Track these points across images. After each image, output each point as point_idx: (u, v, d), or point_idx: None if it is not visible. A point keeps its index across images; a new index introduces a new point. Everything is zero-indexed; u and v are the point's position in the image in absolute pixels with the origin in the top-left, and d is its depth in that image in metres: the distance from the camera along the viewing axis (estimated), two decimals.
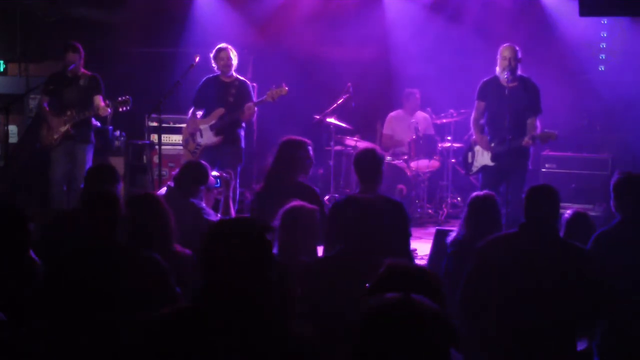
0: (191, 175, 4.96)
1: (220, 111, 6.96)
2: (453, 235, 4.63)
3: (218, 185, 5.27)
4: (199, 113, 7.14)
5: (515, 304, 3.64)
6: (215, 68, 7.04)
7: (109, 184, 4.59)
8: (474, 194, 4.70)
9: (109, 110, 6.94)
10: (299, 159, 4.97)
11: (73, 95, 7.06)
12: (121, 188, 4.82)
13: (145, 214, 3.73)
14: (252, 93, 7.17)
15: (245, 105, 6.87)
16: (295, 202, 3.96)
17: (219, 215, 4.97)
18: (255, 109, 7.01)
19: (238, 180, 6.94)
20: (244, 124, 7.06)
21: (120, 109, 6.94)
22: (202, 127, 7.03)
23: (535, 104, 6.50)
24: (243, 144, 7.07)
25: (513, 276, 3.68)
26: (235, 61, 7.03)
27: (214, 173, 5.31)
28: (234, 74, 7.08)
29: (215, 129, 6.96)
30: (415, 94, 8.92)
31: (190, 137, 7.09)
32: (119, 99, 6.91)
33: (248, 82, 7.19)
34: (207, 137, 7.01)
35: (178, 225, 3.91)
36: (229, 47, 7.04)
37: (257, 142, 8.92)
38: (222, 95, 7.00)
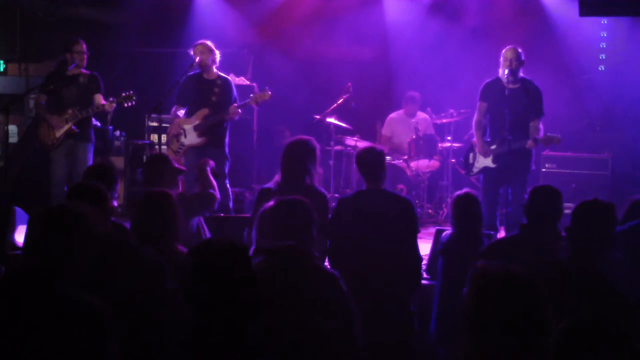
0: (162, 166, 4.91)
1: (204, 111, 6.84)
2: (445, 234, 4.69)
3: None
4: (181, 112, 6.99)
5: None
6: (196, 63, 6.85)
7: (107, 185, 4.57)
8: (455, 194, 4.74)
9: (114, 105, 6.92)
10: (311, 159, 4.77)
11: (72, 94, 7.03)
12: (119, 187, 4.75)
13: (158, 212, 3.74)
14: (235, 91, 7.04)
15: (229, 108, 6.79)
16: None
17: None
18: (239, 110, 6.88)
19: (228, 180, 6.88)
20: (226, 125, 6.93)
21: (125, 104, 6.90)
22: (185, 127, 6.89)
23: (537, 107, 6.48)
24: (227, 149, 6.92)
25: None
26: (217, 57, 6.90)
27: None
28: (216, 71, 6.97)
29: (199, 130, 6.84)
30: (415, 98, 8.86)
31: (174, 137, 6.94)
32: (123, 94, 6.87)
33: (230, 80, 7.06)
34: (190, 138, 6.88)
35: None
36: (208, 42, 6.89)
37: (257, 142, 8.92)
38: (205, 94, 6.88)
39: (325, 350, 2.90)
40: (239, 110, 6.86)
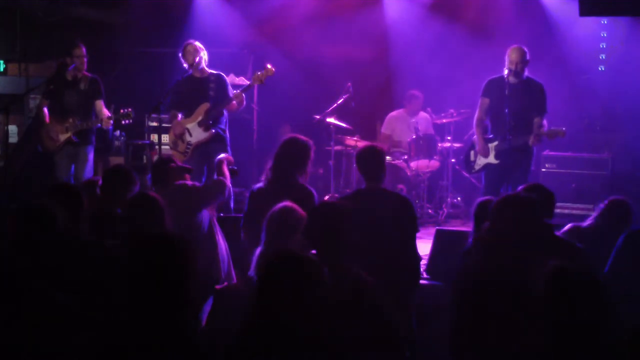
0: (168, 166, 4.93)
1: (205, 106, 6.82)
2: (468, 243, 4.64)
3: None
4: (179, 115, 6.97)
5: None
6: (186, 65, 6.85)
7: (125, 187, 4.56)
8: (478, 200, 4.69)
9: (112, 122, 6.98)
10: (303, 158, 4.82)
11: (73, 100, 7.05)
12: (138, 189, 4.74)
13: (143, 214, 3.75)
14: (229, 85, 7.04)
15: (232, 94, 6.79)
16: (286, 203, 3.94)
17: None
18: (244, 95, 6.88)
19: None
20: (226, 120, 6.94)
21: (123, 122, 6.96)
22: (189, 126, 6.87)
23: (540, 104, 6.48)
24: (229, 144, 6.95)
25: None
26: (205, 56, 6.90)
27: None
28: (207, 69, 6.96)
29: (205, 125, 6.82)
30: (418, 97, 8.84)
31: (178, 138, 6.91)
32: (122, 111, 6.90)
33: (223, 75, 7.03)
34: (196, 135, 6.85)
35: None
36: (196, 42, 6.91)
37: (257, 142, 8.92)
38: (203, 90, 6.86)
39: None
40: (243, 94, 6.85)
